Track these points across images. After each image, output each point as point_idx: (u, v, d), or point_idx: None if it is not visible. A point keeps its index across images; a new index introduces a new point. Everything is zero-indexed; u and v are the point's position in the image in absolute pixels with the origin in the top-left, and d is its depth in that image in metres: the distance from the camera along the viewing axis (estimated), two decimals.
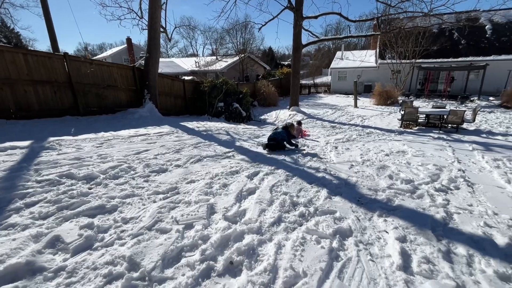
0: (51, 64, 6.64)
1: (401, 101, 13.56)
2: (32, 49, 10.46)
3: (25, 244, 2.09)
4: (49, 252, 2.07)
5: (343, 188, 3.78)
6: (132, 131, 6.22)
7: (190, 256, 2.18)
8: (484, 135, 7.74)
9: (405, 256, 2.27)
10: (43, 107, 6.56)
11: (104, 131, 5.96)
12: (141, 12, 10.57)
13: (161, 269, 2.01)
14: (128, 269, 1.97)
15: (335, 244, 2.42)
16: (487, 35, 18.36)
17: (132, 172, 3.84)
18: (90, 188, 3.19)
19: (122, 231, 2.44)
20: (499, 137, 7.42)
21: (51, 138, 4.77)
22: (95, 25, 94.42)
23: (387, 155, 5.58)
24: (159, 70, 9.78)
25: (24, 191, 2.87)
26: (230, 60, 25.70)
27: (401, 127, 9.36)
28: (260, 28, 17.72)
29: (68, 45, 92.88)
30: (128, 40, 28.68)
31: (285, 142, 6.05)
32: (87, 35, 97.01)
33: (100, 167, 3.81)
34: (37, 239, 2.17)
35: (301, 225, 2.77)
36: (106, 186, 3.31)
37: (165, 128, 7.03)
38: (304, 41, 13.19)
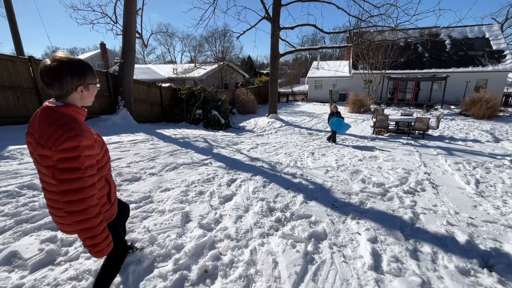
0: (15, 68, 6.21)
1: (373, 109, 14.29)
2: None
3: None
4: (4, 269, 1.90)
5: (318, 193, 3.87)
6: (104, 139, 5.94)
7: (162, 266, 2.10)
8: (447, 141, 8.37)
9: (376, 256, 2.36)
10: (3, 114, 6.08)
11: None
12: (116, 17, 10.34)
13: (131, 282, 1.92)
14: None
15: (310, 247, 2.45)
16: (447, 49, 20.05)
17: None
18: None
19: None
20: (460, 142, 8.06)
21: (11, 147, 4.43)
22: (65, 28, 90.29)
23: (360, 160, 5.82)
24: (135, 77, 9.52)
25: None
26: (209, 68, 25.62)
27: (373, 133, 9.84)
28: (238, 37, 17.91)
29: (35, 49, 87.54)
30: (102, 45, 27.76)
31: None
32: (57, 38, 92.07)
33: None
34: None
35: (277, 230, 2.78)
36: None
37: (140, 136, 6.80)
38: (281, 51, 13.56)
